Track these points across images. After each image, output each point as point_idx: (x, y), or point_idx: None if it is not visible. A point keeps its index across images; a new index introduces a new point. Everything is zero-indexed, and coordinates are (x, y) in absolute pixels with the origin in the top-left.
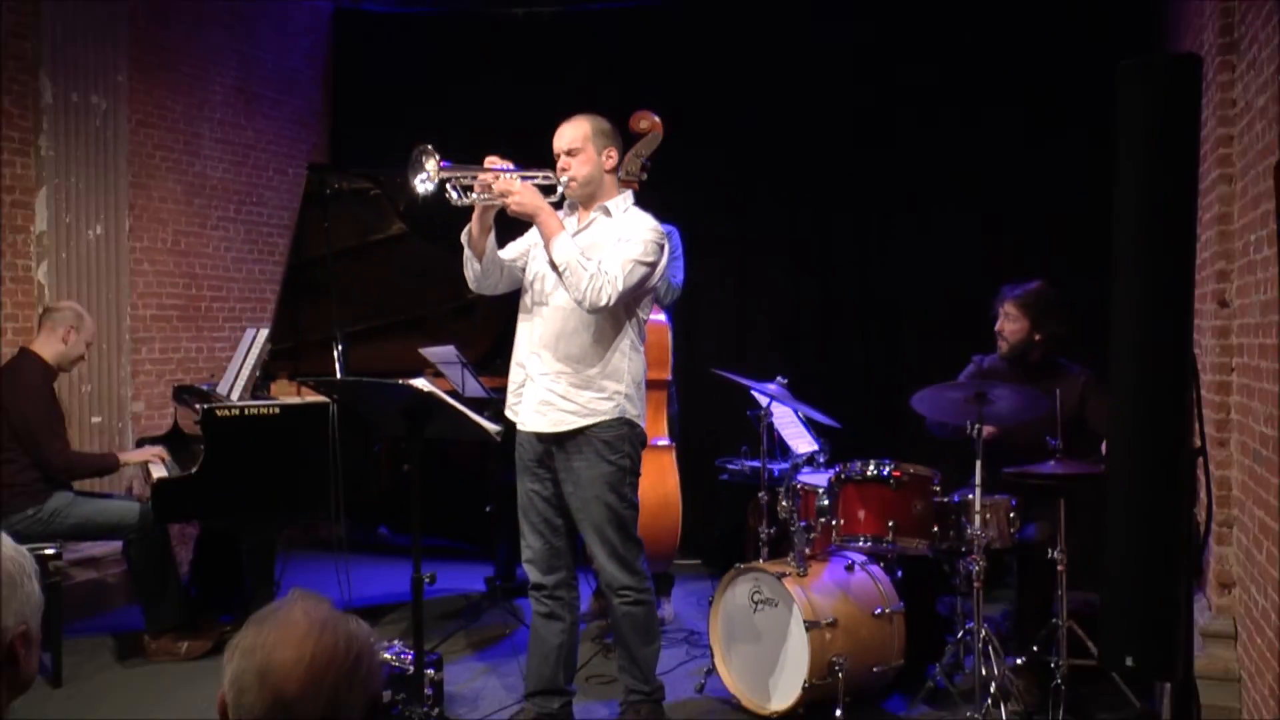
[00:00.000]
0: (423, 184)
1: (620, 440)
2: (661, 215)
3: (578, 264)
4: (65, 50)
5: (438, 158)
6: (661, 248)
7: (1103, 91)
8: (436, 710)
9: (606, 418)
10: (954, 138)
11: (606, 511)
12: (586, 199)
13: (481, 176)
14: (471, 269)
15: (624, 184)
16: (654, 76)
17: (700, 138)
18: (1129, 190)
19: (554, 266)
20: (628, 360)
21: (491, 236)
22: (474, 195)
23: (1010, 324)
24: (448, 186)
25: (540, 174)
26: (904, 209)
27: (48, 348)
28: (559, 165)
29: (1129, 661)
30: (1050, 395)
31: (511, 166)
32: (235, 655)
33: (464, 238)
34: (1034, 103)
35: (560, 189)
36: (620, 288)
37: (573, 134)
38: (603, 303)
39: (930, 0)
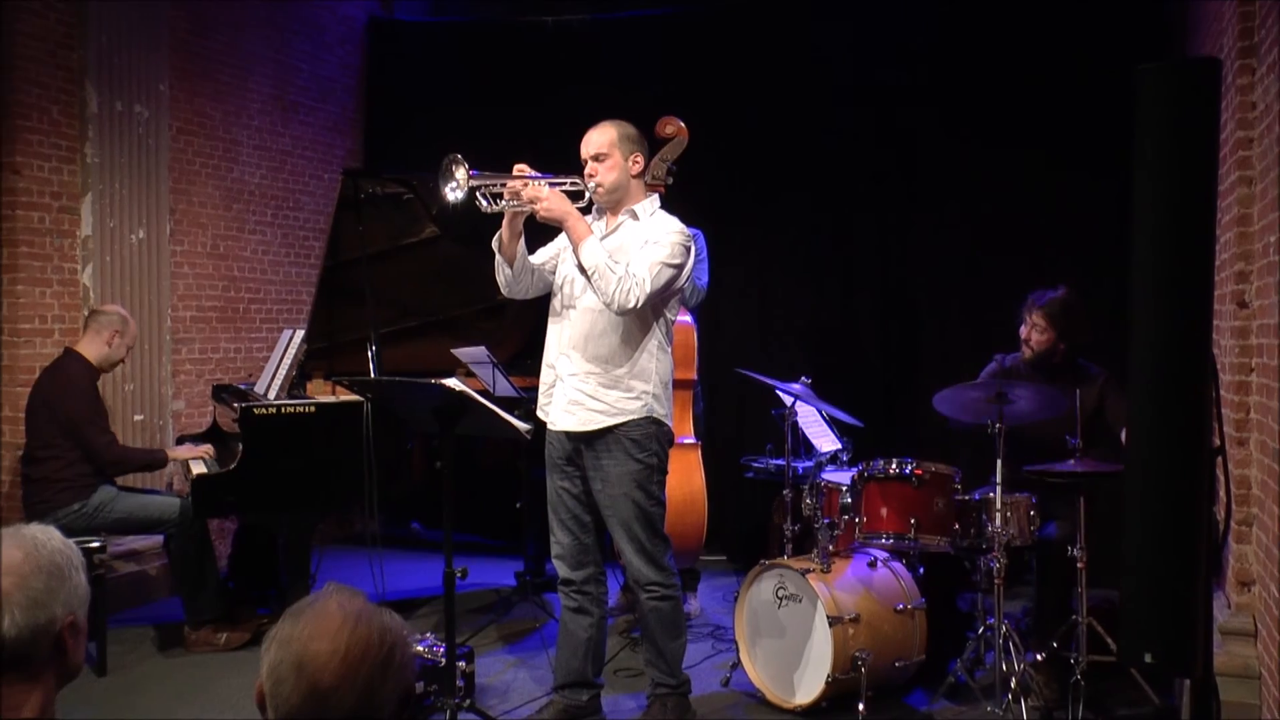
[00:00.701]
0: (453, 192)
1: (648, 439)
2: (686, 218)
3: (606, 267)
4: (110, 61)
5: (467, 166)
6: (688, 250)
7: (1121, 94)
8: (468, 701)
9: (634, 417)
10: (973, 138)
11: (634, 508)
12: (614, 204)
13: (510, 184)
14: (503, 274)
15: (650, 188)
16: (681, 83)
17: (725, 141)
18: (1148, 192)
19: (583, 270)
20: (655, 360)
21: (521, 242)
22: (503, 202)
23: (1037, 334)
24: (477, 194)
25: (568, 180)
26: (924, 209)
27: (91, 349)
28: (586, 171)
29: (1148, 658)
30: (1070, 395)
31: (540, 174)
32: (272, 647)
33: (495, 244)
34: (1053, 105)
35: (588, 194)
36: (648, 290)
37: (600, 140)
38: (631, 304)
39: (950, 4)
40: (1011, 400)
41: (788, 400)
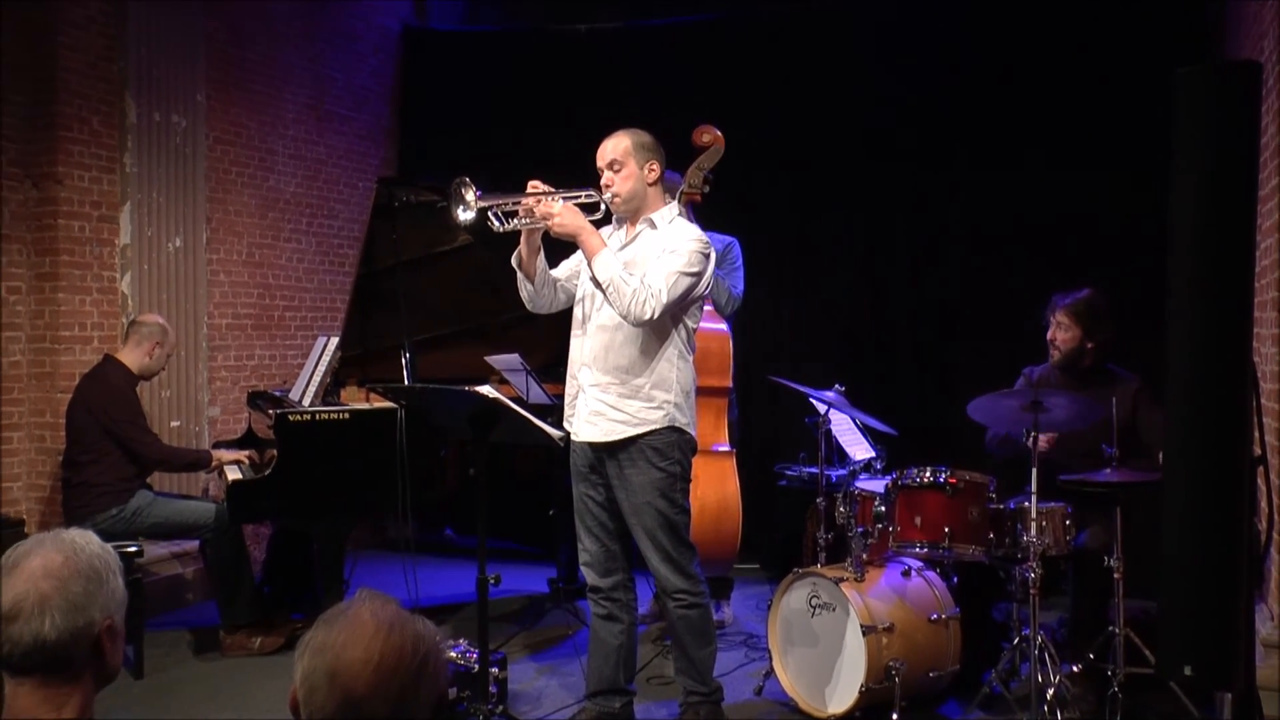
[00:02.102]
0: (464, 214)
1: (670, 447)
2: (720, 226)
3: (620, 280)
4: (149, 72)
5: (475, 188)
6: (706, 257)
7: (1159, 98)
8: (500, 708)
9: (656, 426)
10: (1007, 144)
11: (658, 516)
12: (632, 212)
13: (524, 201)
14: (525, 290)
15: (687, 196)
16: (715, 90)
17: (759, 149)
18: (1187, 197)
19: (597, 284)
20: (675, 370)
21: (541, 257)
22: (516, 221)
23: (1062, 333)
24: (489, 214)
25: (583, 193)
26: (959, 215)
27: (132, 358)
28: (602, 181)
29: (1188, 671)
30: (1104, 403)
31: (553, 190)
32: (306, 654)
33: (514, 261)
34: (1090, 111)
35: (604, 205)
36: (664, 300)
37: (614, 148)
38: (647, 316)
39: (983, 6)
40: (1047, 409)
41: (821, 408)
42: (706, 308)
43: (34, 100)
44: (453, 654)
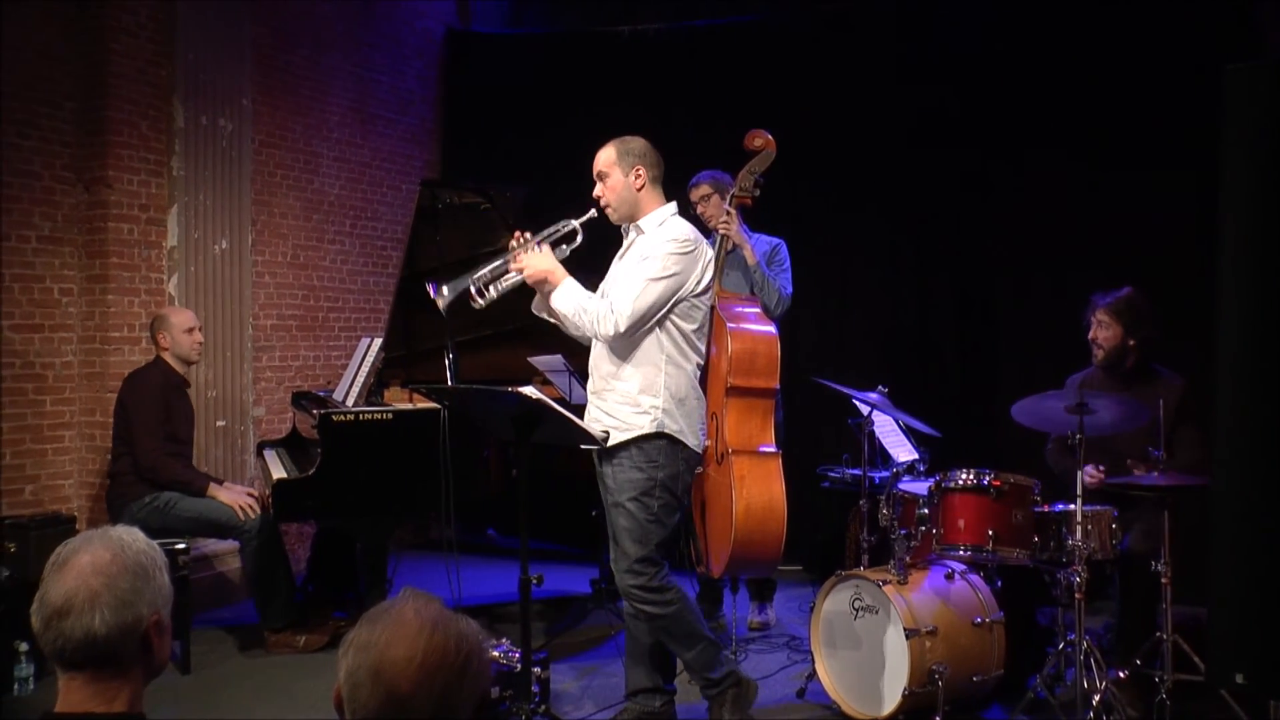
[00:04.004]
0: (444, 301)
1: (656, 451)
2: (764, 227)
3: (579, 308)
4: (196, 77)
5: (437, 284)
6: (684, 255)
7: (1207, 96)
8: (543, 707)
9: (644, 431)
10: (1051, 144)
11: (628, 518)
12: (629, 218)
13: (499, 265)
14: (563, 330)
15: (738, 200)
16: (757, 90)
17: (803, 150)
18: (1238, 194)
19: (561, 317)
20: (664, 375)
21: None
22: (496, 287)
23: (1103, 331)
24: (470, 291)
25: (560, 227)
26: (1002, 217)
27: (166, 355)
28: (595, 192)
29: (1239, 678)
30: (1150, 404)
31: (529, 236)
32: (350, 652)
33: (535, 310)
34: (1136, 110)
35: (577, 226)
36: (628, 312)
37: (601, 160)
38: (611, 332)
39: (1030, 8)
40: (1092, 410)
41: (864, 409)
42: (754, 309)
43: (85, 105)
44: (495, 653)
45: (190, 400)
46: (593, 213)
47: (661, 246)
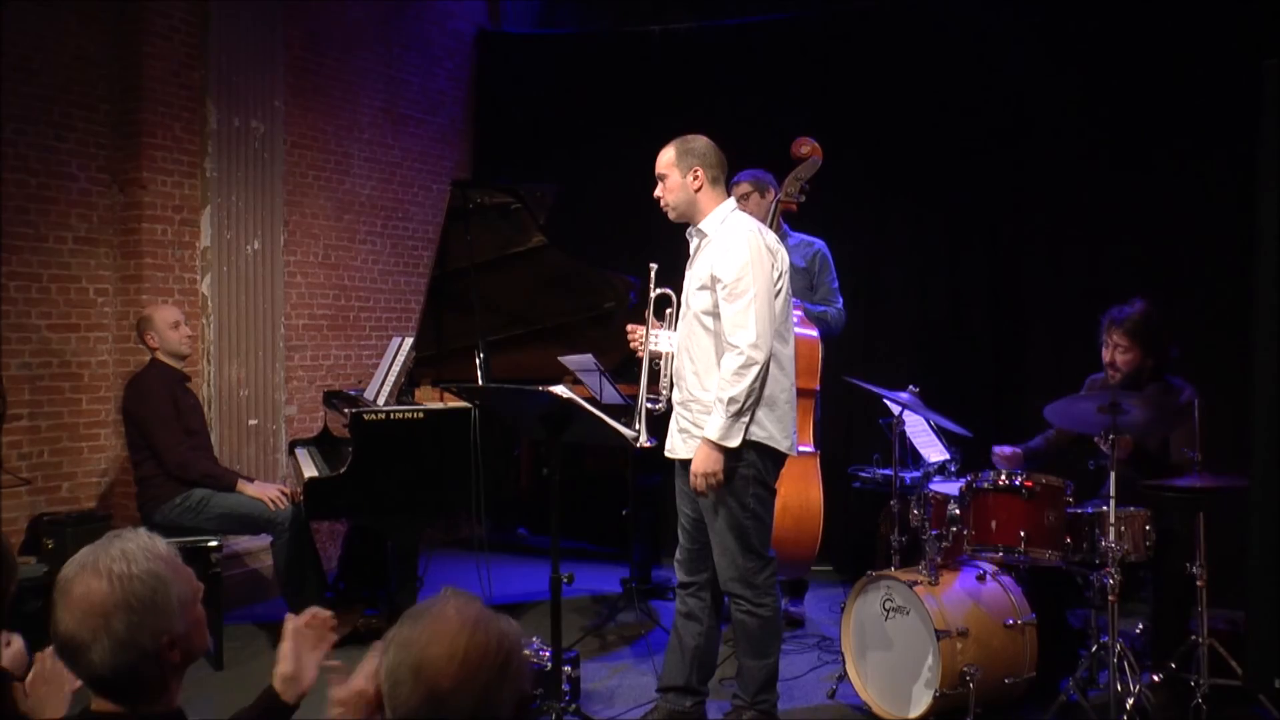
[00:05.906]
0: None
1: (746, 449)
2: (800, 227)
3: (730, 408)
4: (229, 79)
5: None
6: (762, 250)
7: (1246, 91)
8: (573, 706)
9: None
10: (1085, 144)
11: (728, 517)
12: (690, 218)
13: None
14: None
15: (783, 205)
16: (789, 89)
17: (833, 147)
18: (1275, 183)
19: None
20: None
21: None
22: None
23: (1121, 355)
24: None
25: (650, 294)
26: (1034, 217)
27: (158, 354)
28: (655, 193)
29: (1278, 684)
30: (1186, 406)
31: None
32: (390, 649)
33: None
34: (1172, 108)
35: (670, 294)
36: (754, 341)
37: (661, 161)
38: (760, 360)
39: (1066, 5)
40: (1125, 410)
41: (895, 409)
42: (795, 313)
43: (119, 108)
44: (526, 651)
45: (194, 392)
46: (654, 266)
47: (735, 268)
